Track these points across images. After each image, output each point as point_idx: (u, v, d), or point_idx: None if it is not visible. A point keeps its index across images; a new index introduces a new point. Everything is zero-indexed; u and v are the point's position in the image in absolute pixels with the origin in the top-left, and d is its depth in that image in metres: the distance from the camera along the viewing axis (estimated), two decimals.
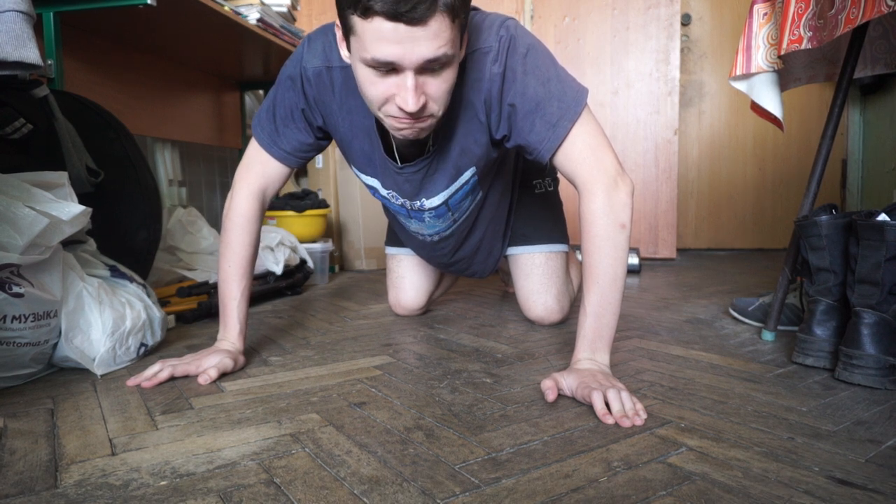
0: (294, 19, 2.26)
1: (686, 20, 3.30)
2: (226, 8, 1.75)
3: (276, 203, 2.33)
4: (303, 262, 2.13)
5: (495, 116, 0.98)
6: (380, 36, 0.74)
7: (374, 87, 0.82)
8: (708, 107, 3.40)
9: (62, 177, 1.08)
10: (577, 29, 2.87)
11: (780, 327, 1.31)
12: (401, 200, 1.18)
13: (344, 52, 0.88)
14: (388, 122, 0.88)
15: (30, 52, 1.07)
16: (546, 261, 1.44)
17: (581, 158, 0.94)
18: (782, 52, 1.19)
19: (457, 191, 1.14)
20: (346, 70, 0.99)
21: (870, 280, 0.97)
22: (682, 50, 3.31)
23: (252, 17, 1.93)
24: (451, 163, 1.07)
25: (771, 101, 1.35)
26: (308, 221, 2.30)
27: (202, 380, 0.99)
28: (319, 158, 2.65)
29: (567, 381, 0.90)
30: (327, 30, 1.03)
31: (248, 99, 2.85)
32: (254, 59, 2.28)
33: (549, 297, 1.43)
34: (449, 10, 0.75)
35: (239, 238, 1.10)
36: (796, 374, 1.03)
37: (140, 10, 1.51)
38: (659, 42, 2.80)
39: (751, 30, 1.35)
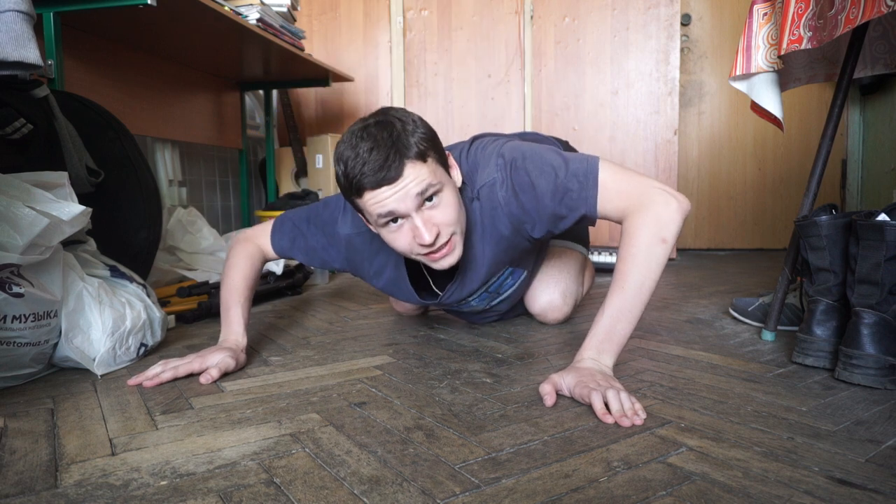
0: (294, 19, 2.26)
1: (686, 20, 3.30)
2: (226, 8, 1.75)
3: (276, 203, 2.33)
4: None
5: (530, 226, 1.08)
6: (375, 200, 0.92)
7: (397, 239, 0.97)
8: (708, 107, 3.40)
9: (62, 177, 1.08)
10: (577, 29, 2.88)
11: (780, 327, 1.31)
12: (445, 307, 1.35)
13: (369, 225, 1.04)
14: (424, 261, 1.01)
15: (30, 53, 1.07)
16: (560, 253, 1.45)
17: (618, 202, 0.98)
18: (782, 52, 1.19)
19: (493, 282, 1.28)
20: (374, 233, 1.13)
21: (870, 280, 0.97)
22: (682, 50, 3.31)
23: (252, 17, 1.93)
24: (481, 275, 1.19)
25: (771, 101, 1.35)
26: None
27: (204, 379, 1.00)
28: (319, 158, 2.66)
29: (566, 381, 0.90)
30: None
31: (249, 99, 2.85)
32: (254, 59, 2.27)
33: (556, 291, 1.42)
34: (417, 157, 0.92)
35: (246, 261, 1.22)
36: (796, 374, 1.03)
37: (140, 10, 1.51)
38: (659, 42, 2.80)
39: (751, 30, 1.35)
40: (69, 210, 1.02)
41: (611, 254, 2.53)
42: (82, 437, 0.78)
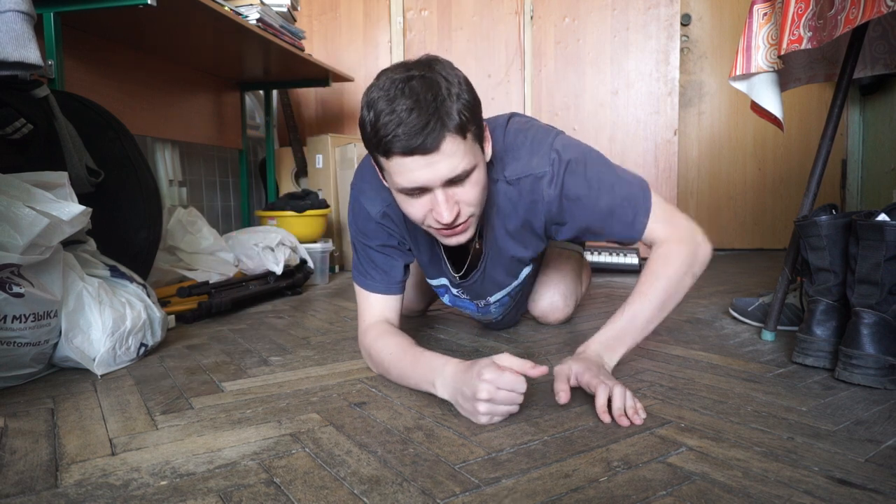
0: (294, 19, 2.26)
1: (686, 20, 3.30)
2: (226, 8, 1.75)
3: (277, 203, 2.33)
4: (303, 262, 2.13)
5: (557, 228, 1.04)
6: (403, 169, 0.83)
7: (411, 207, 0.90)
8: (708, 107, 3.40)
9: (62, 177, 1.09)
10: (577, 29, 2.88)
11: (780, 327, 1.31)
12: (469, 299, 1.26)
13: (383, 180, 0.95)
14: (433, 233, 0.95)
15: (30, 53, 1.07)
16: (559, 255, 1.45)
17: (662, 236, 1.00)
18: (782, 52, 1.19)
19: (516, 285, 1.23)
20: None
21: (869, 280, 0.97)
22: (682, 50, 3.31)
23: (252, 17, 1.93)
24: (504, 270, 1.15)
25: (771, 101, 1.35)
26: (308, 221, 2.30)
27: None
28: (319, 158, 2.66)
29: (573, 369, 0.88)
30: (364, 175, 1.08)
31: (249, 99, 2.85)
32: (254, 59, 2.27)
33: (556, 293, 1.43)
34: (458, 131, 0.82)
35: (380, 341, 1.04)
36: (796, 374, 1.03)
37: (140, 10, 1.51)
38: (659, 42, 2.80)
39: (751, 30, 1.35)
40: (69, 210, 1.02)
41: (610, 254, 2.54)
42: (82, 437, 0.78)
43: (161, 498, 0.61)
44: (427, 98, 0.80)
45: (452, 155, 0.82)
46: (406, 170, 0.83)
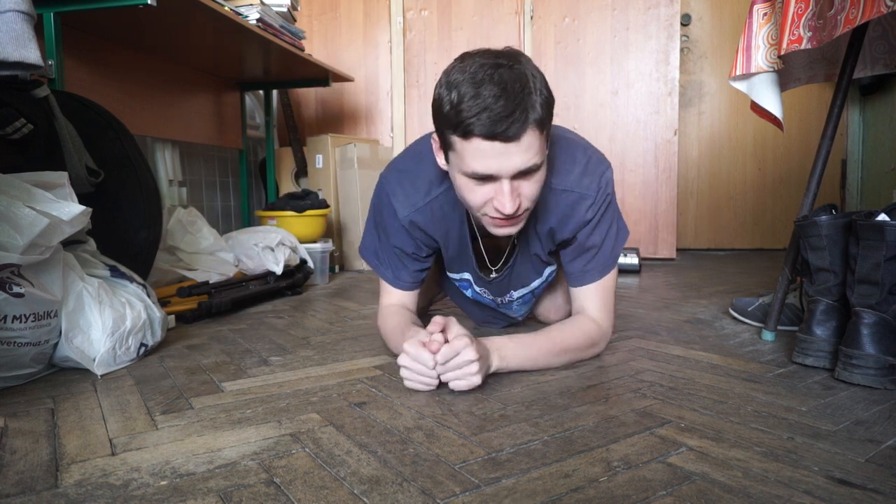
0: (294, 19, 2.26)
1: (686, 20, 3.30)
2: (226, 8, 1.75)
3: (277, 203, 2.33)
4: (303, 262, 2.13)
5: (565, 240, 1.12)
6: (478, 153, 0.84)
7: (472, 193, 0.91)
8: (708, 107, 3.40)
9: (62, 177, 1.09)
10: (577, 29, 2.88)
11: (780, 327, 1.31)
12: (491, 296, 1.30)
13: (441, 161, 0.96)
14: (487, 221, 0.96)
15: (30, 53, 1.08)
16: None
17: (596, 316, 1.12)
18: (782, 52, 1.19)
19: (540, 285, 1.28)
20: (431, 203, 1.09)
21: (869, 280, 0.97)
22: (681, 50, 3.31)
23: (252, 17, 1.93)
24: (531, 266, 1.20)
25: (771, 101, 1.35)
26: (308, 221, 2.30)
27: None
28: (319, 158, 2.66)
29: (454, 325, 0.94)
30: (401, 177, 1.11)
31: (249, 99, 2.85)
32: (254, 59, 2.27)
33: (558, 293, 1.42)
34: (538, 125, 0.84)
35: (392, 318, 1.15)
36: (796, 374, 1.03)
37: (140, 10, 1.51)
38: (659, 42, 2.81)
39: (751, 30, 1.35)
40: (69, 210, 1.02)
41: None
42: (82, 437, 0.78)
43: (161, 498, 0.61)
44: (515, 88, 0.80)
45: (529, 148, 0.84)
46: (482, 154, 0.83)
